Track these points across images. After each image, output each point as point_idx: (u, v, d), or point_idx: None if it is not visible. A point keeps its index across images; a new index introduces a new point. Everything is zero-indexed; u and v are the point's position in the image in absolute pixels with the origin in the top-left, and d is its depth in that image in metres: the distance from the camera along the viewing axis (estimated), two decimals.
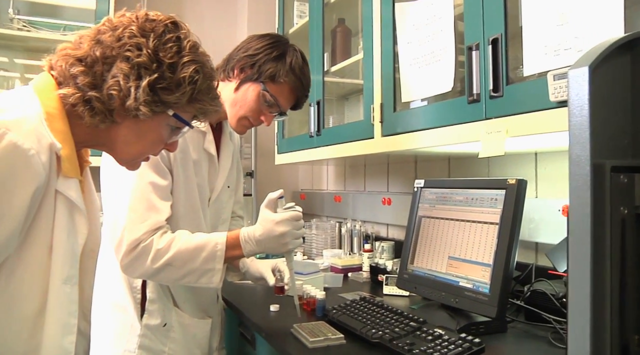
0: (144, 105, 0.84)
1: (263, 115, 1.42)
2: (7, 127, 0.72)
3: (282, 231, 1.24)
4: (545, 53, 1.12)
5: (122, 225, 1.24)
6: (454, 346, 1.08)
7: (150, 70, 0.84)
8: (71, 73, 0.83)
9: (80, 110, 0.83)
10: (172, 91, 0.87)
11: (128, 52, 0.83)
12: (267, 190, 3.15)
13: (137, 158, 0.95)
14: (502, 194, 1.27)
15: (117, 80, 0.83)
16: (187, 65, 0.87)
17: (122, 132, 0.89)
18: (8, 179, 0.72)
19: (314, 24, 2.22)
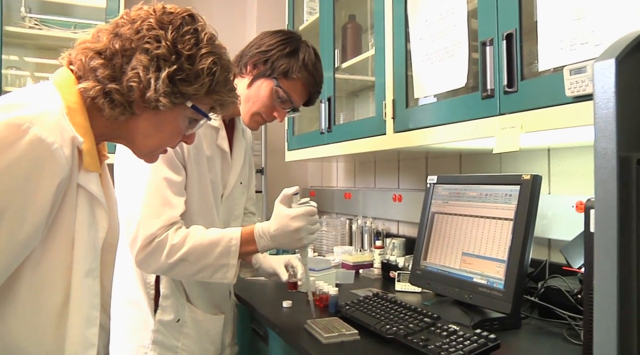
0: (163, 96, 0.85)
1: (276, 111, 1.43)
2: (31, 121, 0.72)
3: (297, 226, 1.24)
4: (561, 48, 1.12)
5: (136, 220, 1.25)
6: (469, 342, 1.08)
7: (169, 62, 0.85)
8: (91, 66, 0.84)
9: (100, 103, 0.84)
10: (190, 83, 0.88)
11: (147, 44, 0.84)
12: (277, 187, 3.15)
13: (156, 150, 0.96)
14: (516, 190, 1.26)
15: (136, 72, 0.84)
16: (205, 56, 0.88)
17: (141, 124, 0.89)
18: (33, 173, 0.73)
19: (325, 21, 2.21)
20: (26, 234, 0.74)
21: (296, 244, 1.27)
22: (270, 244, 1.27)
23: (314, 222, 1.29)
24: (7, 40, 2.46)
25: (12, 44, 2.59)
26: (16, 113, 0.73)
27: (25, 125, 0.72)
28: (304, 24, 2.53)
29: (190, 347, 1.41)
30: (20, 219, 0.72)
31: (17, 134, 0.71)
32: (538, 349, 1.19)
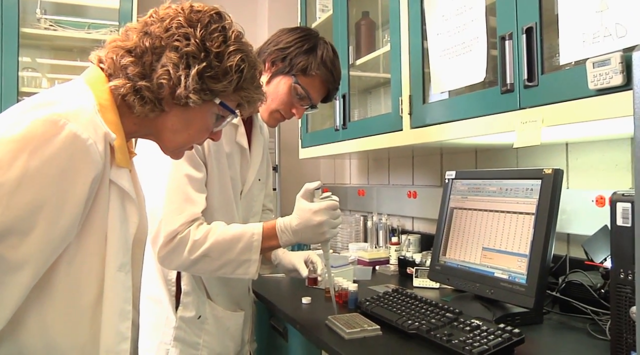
0: (193, 93, 0.86)
1: (294, 108, 1.44)
2: (67, 118, 0.74)
3: (320, 221, 1.25)
4: (583, 40, 1.11)
5: (158, 217, 1.26)
6: (493, 336, 1.08)
7: (199, 59, 0.86)
8: (121, 64, 0.85)
9: (130, 100, 0.85)
10: (219, 80, 0.89)
11: (176, 42, 0.85)
12: (290, 185, 3.17)
13: (183, 147, 0.97)
14: (537, 184, 1.26)
15: (166, 69, 0.85)
16: (234, 54, 0.90)
17: (170, 120, 0.91)
18: (69, 168, 0.74)
19: (338, 18, 2.21)
20: (62, 229, 0.75)
21: (319, 238, 1.28)
22: (293, 239, 1.28)
23: (336, 216, 1.29)
24: (23, 42, 2.49)
25: (29, 45, 2.62)
26: (52, 110, 0.74)
27: (61, 121, 0.73)
28: (317, 21, 2.53)
29: (211, 343, 1.42)
30: (57, 214, 0.74)
31: (54, 130, 0.72)
32: (563, 344, 1.18)
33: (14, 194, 0.70)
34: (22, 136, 0.71)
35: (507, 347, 1.06)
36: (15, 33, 2.42)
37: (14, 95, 2.40)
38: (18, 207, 0.71)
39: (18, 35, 2.43)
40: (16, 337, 0.77)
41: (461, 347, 1.06)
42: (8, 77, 2.40)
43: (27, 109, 0.76)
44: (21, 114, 0.74)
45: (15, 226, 0.71)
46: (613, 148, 1.47)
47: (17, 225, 0.71)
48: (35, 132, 0.72)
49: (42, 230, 0.73)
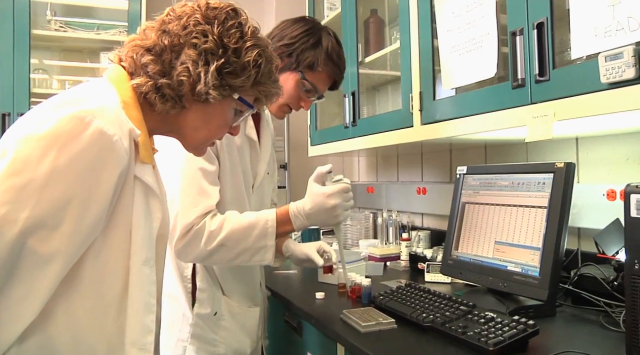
0: (212, 89, 0.88)
1: (302, 101, 1.47)
2: (93, 115, 0.76)
3: (334, 204, 1.27)
4: (595, 34, 1.12)
5: (174, 211, 1.28)
6: (508, 328, 1.09)
7: (217, 56, 0.88)
8: (142, 63, 0.87)
9: (152, 98, 0.87)
10: (237, 75, 0.91)
11: (195, 39, 0.87)
12: (300, 183, 3.18)
13: (205, 143, 0.99)
14: (549, 178, 1.27)
15: (186, 66, 0.87)
16: (251, 49, 0.91)
17: (190, 117, 0.93)
18: (96, 164, 0.76)
19: (347, 16, 2.23)
20: (89, 223, 0.77)
21: (332, 221, 1.31)
22: (306, 222, 1.31)
23: (349, 198, 1.32)
24: (34, 44, 2.51)
25: (40, 46, 2.65)
26: (78, 107, 0.76)
27: (87, 118, 0.75)
28: (325, 19, 2.54)
29: (228, 339, 1.44)
30: (84, 208, 0.76)
31: (81, 126, 0.74)
32: (576, 335, 1.19)
33: (44, 190, 0.72)
34: (50, 133, 0.73)
35: (522, 338, 1.07)
36: (27, 35, 2.45)
37: (26, 96, 2.42)
38: (48, 202, 0.73)
39: (29, 37, 2.46)
40: (45, 329, 0.79)
41: (476, 339, 1.07)
42: (20, 79, 2.43)
43: (54, 107, 0.78)
44: (49, 112, 0.76)
45: (45, 220, 0.73)
46: (623, 142, 1.48)
47: (46, 220, 0.73)
48: (63, 129, 0.74)
49: (71, 224, 0.75)
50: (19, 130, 0.76)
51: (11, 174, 0.71)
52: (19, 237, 0.71)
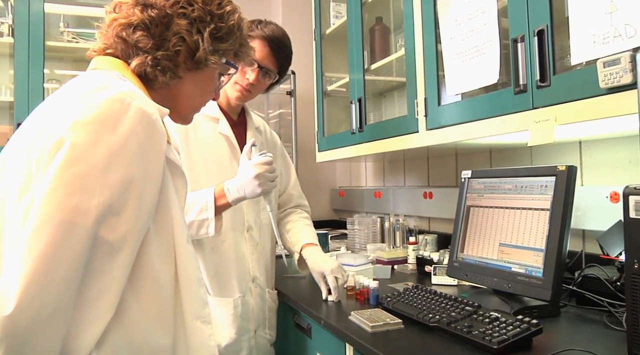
0: (211, 54, 0.93)
1: (245, 75, 1.57)
2: (131, 96, 0.77)
3: (257, 173, 1.42)
4: (594, 41, 1.15)
5: None
6: (512, 327, 1.12)
7: (206, 22, 0.93)
8: (134, 39, 0.88)
9: (152, 73, 0.90)
10: (226, 39, 0.97)
11: (182, 9, 0.91)
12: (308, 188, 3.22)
13: (195, 110, 1.04)
14: (552, 181, 1.30)
15: (180, 36, 0.90)
16: (231, 13, 0.98)
17: (185, 86, 0.96)
18: (146, 142, 0.77)
19: (353, 24, 2.27)
20: (149, 204, 0.79)
21: (257, 190, 1.43)
22: (237, 195, 1.44)
23: (272, 170, 1.46)
24: (48, 55, 2.58)
25: (52, 57, 2.71)
26: (115, 90, 0.77)
27: (127, 99, 0.76)
28: (331, 27, 2.59)
29: None
30: (143, 188, 0.77)
31: (124, 107, 0.75)
32: (580, 334, 1.22)
33: (105, 174, 0.72)
34: (98, 117, 0.73)
35: (526, 337, 1.10)
36: (41, 47, 2.52)
37: None
38: (112, 186, 0.72)
39: (43, 48, 2.53)
40: (121, 320, 0.78)
41: (481, 338, 1.10)
42: (34, 89, 2.50)
43: (88, 92, 0.77)
44: (86, 98, 0.76)
45: (112, 206, 0.73)
46: (626, 145, 1.51)
47: (113, 205, 0.73)
48: (109, 112, 0.74)
49: (134, 207, 0.75)
50: (60, 117, 0.75)
51: (72, 163, 0.71)
52: (94, 226, 0.71)
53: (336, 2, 2.61)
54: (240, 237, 1.59)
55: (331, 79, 2.69)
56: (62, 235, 0.69)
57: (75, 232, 0.70)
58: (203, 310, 0.91)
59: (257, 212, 1.65)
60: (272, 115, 3.30)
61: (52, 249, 0.68)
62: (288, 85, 3.00)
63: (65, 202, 0.69)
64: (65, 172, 0.70)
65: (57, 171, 0.70)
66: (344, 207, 3.26)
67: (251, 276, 1.62)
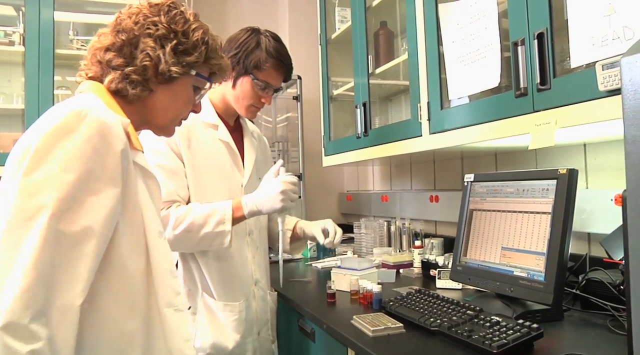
0: (172, 66, 1.03)
1: (262, 98, 1.64)
2: (87, 109, 0.88)
3: (283, 189, 1.48)
4: (593, 44, 1.15)
5: None
6: (512, 331, 1.11)
7: (169, 39, 1.03)
8: (106, 60, 1.01)
9: (123, 88, 1.00)
10: (190, 53, 1.06)
11: (148, 30, 1.02)
12: (315, 193, 3.22)
13: (174, 121, 1.12)
14: (553, 184, 1.29)
15: (146, 53, 1.01)
16: (196, 30, 1.07)
17: (159, 98, 1.06)
18: (101, 145, 0.87)
19: (357, 28, 2.28)
20: (109, 199, 0.88)
21: (277, 205, 1.49)
22: (254, 209, 1.50)
23: (295, 191, 1.53)
24: (58, 62, 2.62)
25: (62, 65, 2.75)
26: (73, 106, 0.88)
27: (84, 111, 0.88)
28: (336, 32, 2.61)
29: (204, 333, 1.53)
30: (99, 187, 0.87)
31: (80, 118, 0.87)
32: (582, 338, 1.21)
33: (61, 175, 0.83)
34: (56, 127, 0.85)
35: (526, 341, 1.10)
36: (51, 54, 2.56)
37: None
38: (67, 183, 0.83)
39: (53, 56, 2.57)
40: (94, 308, 0.89)
41: (481, 342, 1.10)
42: (44, 96, 2.54)
43: (57, 109, 0.90)
44: (53, 113, 0.88)
45: (68, 203, 0.83)
46: None
47: (70, 203, 0.83)
48: (66, 122, 0.86)
49: (91, 203, 0.85)
50: (33, 130, 0.88)
51: (34, 167, 0.82)
52: (51, 220, 0.80)
53: (341, 6, 2.62)
54: (242, 241, 1.61)
55: (337, 83, 2.70)
56: (27, 232, 0.79)
57: (36, 226, 0.80)
58: (175, 299, 1.02)
59: (257, 218, 1.67)
60: (279, 120, 3.32)
61: (22, 247, 0.79)
62: (294, 90, 3.02)
63: (28, 202, 0.81)
64: (29, 175, 0.82)
65: (23, 174, 0.82)
66: (351, 211, 3.26)
67: (254, 279, 1.63)
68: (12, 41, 2.62)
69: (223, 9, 3.29)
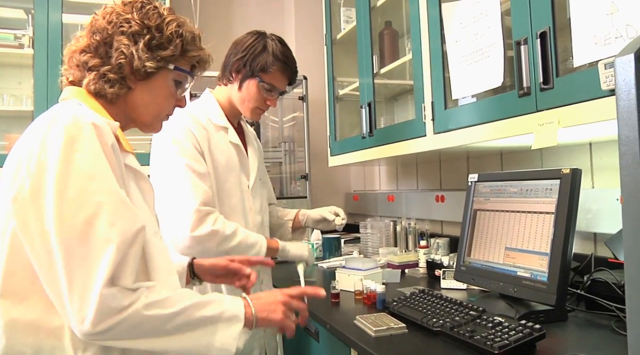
0: (147, 61, 1.03)
1: (268, 100, 1.67)
2: (80, 117, 0.90)
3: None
4: (595, 42, 1.14)
5: (173, 208, 1.50)
6: (514, 332, 1.11)
7: (143, 35, 1.04)
8: (82, 61, 1.02)
9: (101, 87, 1.01)
10: (165, 47, 1.06)
11: (121, 27, 1.03)
12: (321, 193, 3.22)
13: (158, 117, 1.13)
14: (556, 184, 1.29)
15: (120, 51, 1.02)
16: (170, 23, 1.07)
17: (139, 95, 1.07)
18: (101, 145, 0.90)
19: (362, 28, 2.28)
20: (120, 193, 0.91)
21: (305, 255, 1.70)
22: (283, 254, 1.66)
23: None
24: None
25: None
26: (68, 115, 0.90)
27: (78, 121, 0.89)
28: (342, 32, 2.61)
29: None
30: (114, 183, 0.91)
31: (79, 126, 0.89)
32: (585, 339, 1.20)
33: (88, 185, 0.87)
34: (66, 141, 0.88)
35: (528, 342, 1.09)
36: (59, 57, 2.58)
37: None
38: (95, 193, 0.87)
39: (62, 57, 2.59)
40: None
41: (483, 342, 1.09)
42: (53, 98, 2.55)
43: (47, 124, 0.91)
44: (47, 129, 0.90)
45: (100, 208, 0.87)
46: None
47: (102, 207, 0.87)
48: (73, 134, 0.88)
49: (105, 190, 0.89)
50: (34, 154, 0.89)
51: (65, 181, 0.86)
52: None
53: (346, 6, 2.62)
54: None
55: (343, 83, 2.70)
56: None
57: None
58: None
59: (261, 214, 1.73)
60: (285, 120, 3.32)
61: None
62: (300, 90, 3.02)
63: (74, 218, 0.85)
64: (66, 191, 0.86)
65: (55, 196, 0.85)
66: (358, 211, 3.26)
67: (260, 279, 1.65)
68: (22, 44, 2.65)
69: (229, 9, 3.30)
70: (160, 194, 1.52)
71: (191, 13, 2.99)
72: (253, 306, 1.07)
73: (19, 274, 0.89)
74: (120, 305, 0.85)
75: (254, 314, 1.07)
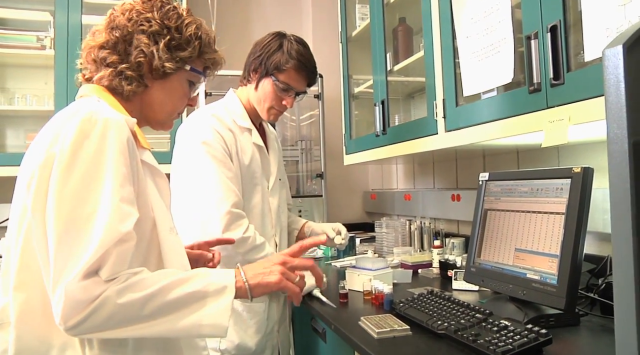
0: (166, 61, 1.04)
1: (284, 100, 1.64)
2: (96, 113, 0.90)
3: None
4: (607, 36, 1.09)
5: (208, 207, 1.50)
6: (519, 337, 1.07)
7: (163, 35, 1.04)
8: (100, 57, 1.02)
9: (118, 84, 1.01)
10: (184, 48, 1.07)
11: (141, 26, 1.03)
12: (337, 191, 3.20)
13: (171, 115, 1.14)
14: (567, 183, 1.24)
15: (140, 49, 1.02)
16: (189, 25, 1.08)
17: (155, 93, 1.08)
18: (119, 139, 0.89)
19: (375, 25, 2.25)
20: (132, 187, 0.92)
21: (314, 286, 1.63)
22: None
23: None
24: None
25: None
26: (84, 112, 0.90)
27: (93, 116, 0.89)
28: (357, 29, 2.58)
29: (229, 336, 1.53)
30: (130, 176, 0.91)
31: (93, 123, 0.89)
32: (595, 345, 1.16)
33: (88, 183, 0.86)
34: (77, 136, 0.87)
35: (534, 347, 1.05)
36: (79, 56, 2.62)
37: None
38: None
39: None
40: None
41: (486, 347, 1.06)
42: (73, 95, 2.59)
43: (65, 119, 0.91)
44: (63, 124, 0.90)
45: (94, 207, 0.86)
46: None
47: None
48: (85, 130, 0.88)
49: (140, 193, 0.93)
50: (50, 149, 0.89)
51: (82, 176, 0.86)
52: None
53: (361, 4, 2.59)
54: (270, 242, 1.65)
55: (358, 81, 2.67)
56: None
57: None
58: None
59: (278, 215, 1.72)
60: (302, 118, 3.31)
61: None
62: (316, 88, 3.01)
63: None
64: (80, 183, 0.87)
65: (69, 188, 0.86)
66: (375, 210, 3.23)
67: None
68: (44, 45, 2.70)
69: (246, 9, 3.31)
70: (188, 193, 1.54)
71: (208, 13, 3.00)
72: (244, 273, 1.00)
73: (32, 267, 0.89)
74: (89, 297, 0.82)
75: (245, 281, 0.98)
